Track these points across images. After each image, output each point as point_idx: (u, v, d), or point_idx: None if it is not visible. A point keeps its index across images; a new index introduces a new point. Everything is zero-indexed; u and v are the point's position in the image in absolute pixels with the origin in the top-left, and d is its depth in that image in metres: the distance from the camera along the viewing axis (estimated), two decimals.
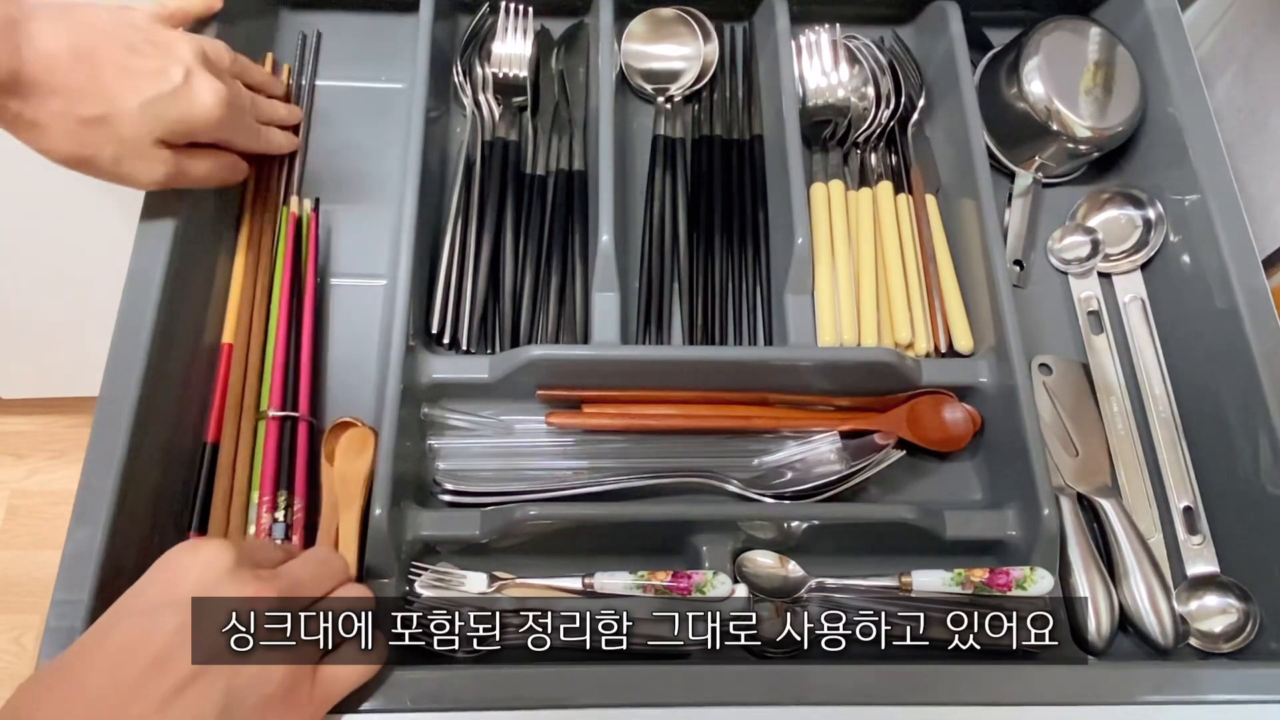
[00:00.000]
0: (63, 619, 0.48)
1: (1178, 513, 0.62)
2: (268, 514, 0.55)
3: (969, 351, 0.63)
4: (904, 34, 0.76)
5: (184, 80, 0.52)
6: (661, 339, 0.64)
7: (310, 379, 0.60)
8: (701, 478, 0.58)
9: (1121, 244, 0.69)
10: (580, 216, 0.66)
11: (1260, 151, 0.71)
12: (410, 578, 0.55)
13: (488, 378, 0.59)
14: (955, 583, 0.55)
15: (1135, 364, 0.66)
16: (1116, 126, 0.68)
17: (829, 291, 0.63)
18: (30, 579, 1.36)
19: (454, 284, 0.63)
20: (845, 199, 0.68)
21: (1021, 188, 0.70)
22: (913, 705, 0.51)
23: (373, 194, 0.67)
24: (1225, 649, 0.58)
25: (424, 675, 0.49)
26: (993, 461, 0.62)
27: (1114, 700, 0.51)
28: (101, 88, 0.50)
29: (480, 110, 0.69)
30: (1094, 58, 0.69)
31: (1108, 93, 0.68)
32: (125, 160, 0.52)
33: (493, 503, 0.57)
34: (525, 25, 0.71)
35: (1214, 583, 0.60)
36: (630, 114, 0.72)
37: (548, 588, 0.55)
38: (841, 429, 0.61)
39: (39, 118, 0.49)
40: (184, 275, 0.58)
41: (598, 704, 0.49)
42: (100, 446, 0.52)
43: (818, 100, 0.71)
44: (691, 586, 0.54)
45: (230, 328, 0.60)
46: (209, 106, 0.53)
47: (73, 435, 1.45)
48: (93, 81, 0.49)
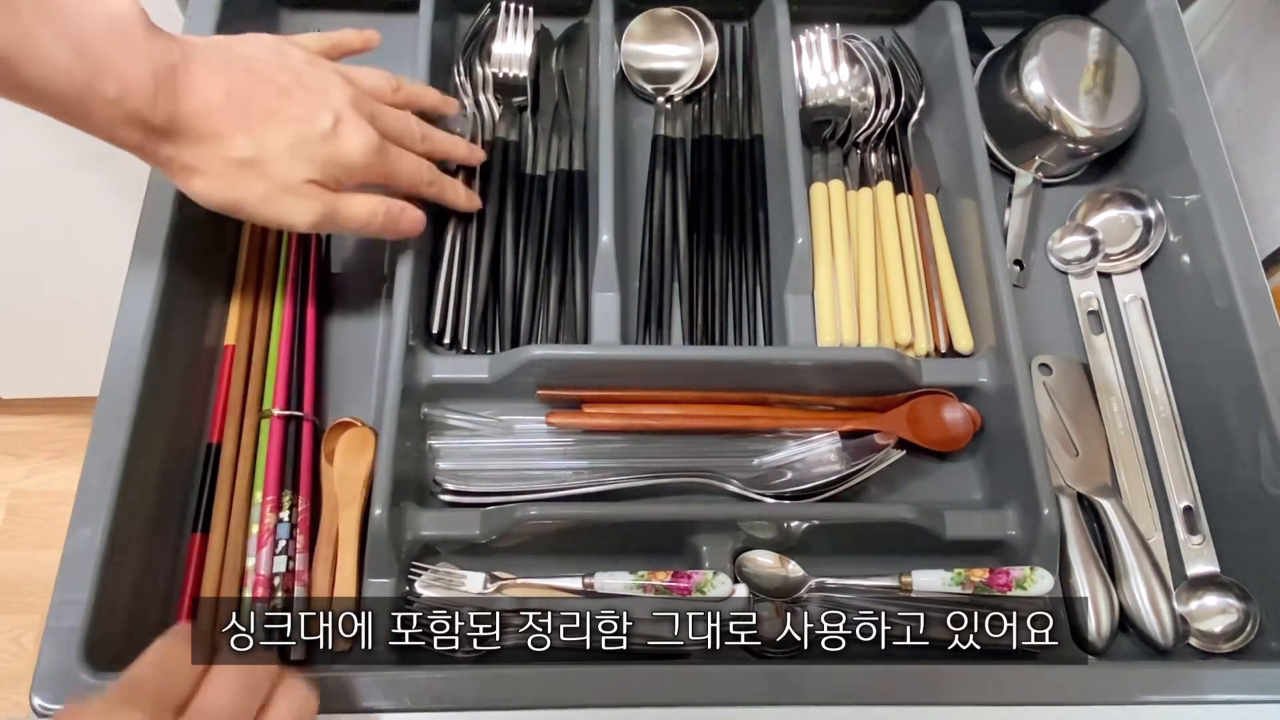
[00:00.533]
0: (63, 619, 0.48)
1: (1178, 513, 0.62)
2: (271, 514, 0.55)
3: (969, 351, 0.63)
4: (904, 34, 0.76)
5: (332, 126, 0.51)
6: (661, 339, 0.64)
7: (314, 378, 0.60)
8: (701, 478, 0.58)
9: (1121, 244, 0.69)
10: (580, 216, 0.66)
11: (1260, 151, 0.71)
12: (410, 578, 0.55)
13: (488, 378, 0.59)
14: (955, 583, 0.55)
15: (1135, 364, 0.66)
16: (1116, 126, 0.68)
17: (829, 291, 0.63)
18: (30, 579, 1.36)
19: (454, 284, 0.63)
20: (845, 199, 0.68)
21: (1021, 188, 0.70)
22: (913, 705, 0.51)
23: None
24: (1225, 649, 0.58)
25: (424, 675, 0.49)
26: (993, 461, 0.62)
27: (1114, 700, 0.51)
28: (251, 130, 0.49)
29: (480, 110, 0.69)
30: (1094, 58, 0.69)
31: (1108, 93, 0.68)
32: (275, 199, 0.50)
33: (493, 503, 0.57)
34: (525, 25, 0.71)
35: (1214, 583, 0.60)
36: (630, 114, 0.72)
37: (548, 588, 0.55)
38: (841, 429, 0.61)
39: (193, 162, 0.48)
40: (184, 275, 0.58)
41: (598, 704, 0.49)
42: (100, 446, 0.52)
43: (818, 100, 0.71)
44: (691, 586, 0.54)
45: (232, 328, 0.60)
46: (356, 153, 0.52)
47: (73, 435, 1.45)
48: (243, 124, 0.49)
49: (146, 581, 0.53)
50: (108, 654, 0.49)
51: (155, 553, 0.54)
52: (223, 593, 0.53)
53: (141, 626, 0.52)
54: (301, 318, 0.61)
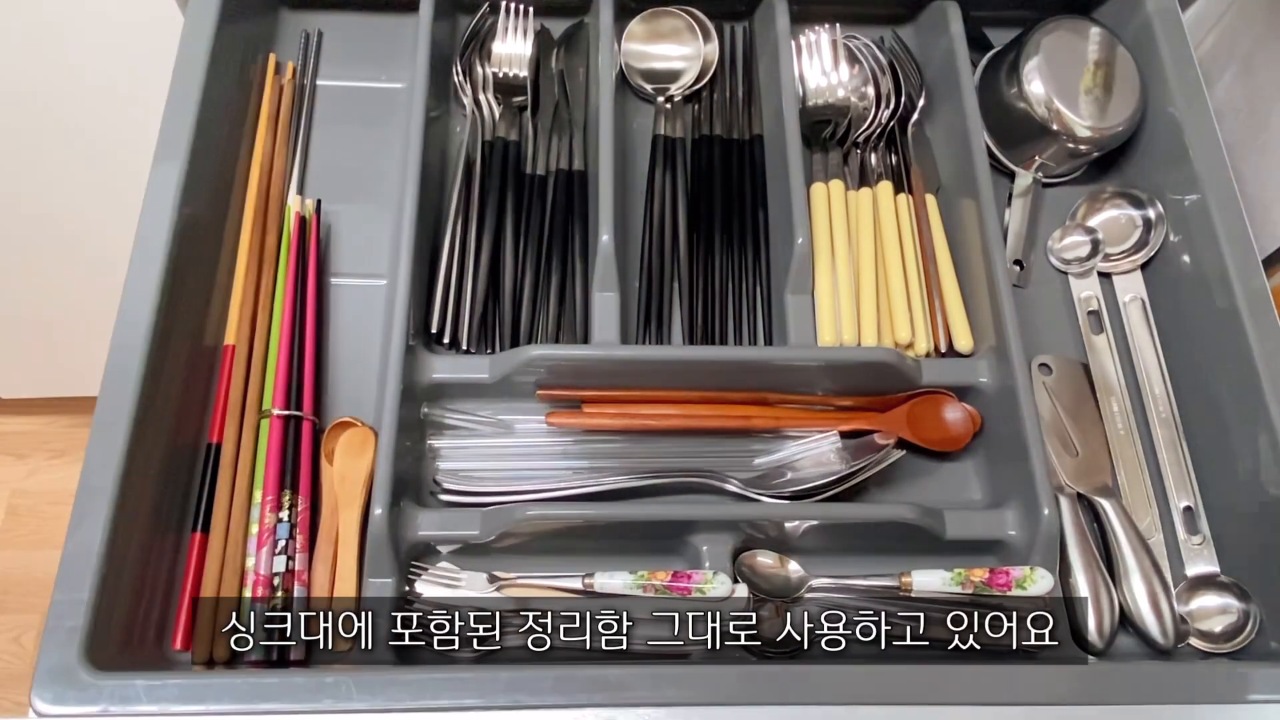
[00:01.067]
0: (63, 619, 0.48)
1: (1178, 513, 0.62)
2: (271, 513, 0.55)
3: (969, 351, 0.63)
4: (904, 34, 0.76)
5: None
6: (661, 339, 0.64)
7: (314, 378, 0.60)
8: (701, 478, 0.58)
9: (1122, 244, 0.69)
10: (580, 216, 0.66)
11: (1260, 151, 0.71)
12: (410, 577, 0.55)
13: (488, 378, 0.59)
14: (955, 583, 0.55)
15: (1135, 364, 0.66)
16: (1116, 126, 0.68)
17: (829, 291, 0.63)
18: (30, 579, 1.36)
19: (454, 284, 0.62)
20: (845, 199, 0.67)
21: (1021, 188, 0.70)
22: (913, 705, 0.51)
23: (373, 194, 0.67)
24: (1225, 649, 0.58)
25: (424, 675, 0.49)
26: (993, 461, 0.62)
27: (1114, 700, 0.51)
28: None
29: (480, 110, 0.69)
30: (1094, 58, 0.69)
31: (1108, 93, 0.68)
32: None
33: (493, 503, 0.57)
34: (525, 25, 0.71)
35: (1214, 583, 0.60)
36: (630, 114, 0.72)
37: (548, 588, 0.55)
38: (841, 429, 0.61)
39: None
40: (184, 275, 0.58)
41: (599, 704, 0.49)
42: (100, 446, 0.52)
43: (818, 100, 0.71)
44: (691, 586, 0.54)
45: (232, 329, 0.60)
46: None
47: (73, 435, 1.45)
48: None
49: (146, 581, 0.53)
50: (108, 654, 0.49)
51: (155, 553, 0.54)
52: (223, 593, 0.53)
53: (141, 626, 0.52)
54: (301, 318, 0.61)
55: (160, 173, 0.60)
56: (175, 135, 0.61)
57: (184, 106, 0.62)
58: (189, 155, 0.60)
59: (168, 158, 0.60)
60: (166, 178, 0.59)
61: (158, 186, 0.59)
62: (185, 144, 0.60)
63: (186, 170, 0.60)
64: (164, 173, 0.60)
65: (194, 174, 0.60)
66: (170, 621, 0.53)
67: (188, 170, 0.60)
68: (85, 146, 0.88)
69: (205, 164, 0.62)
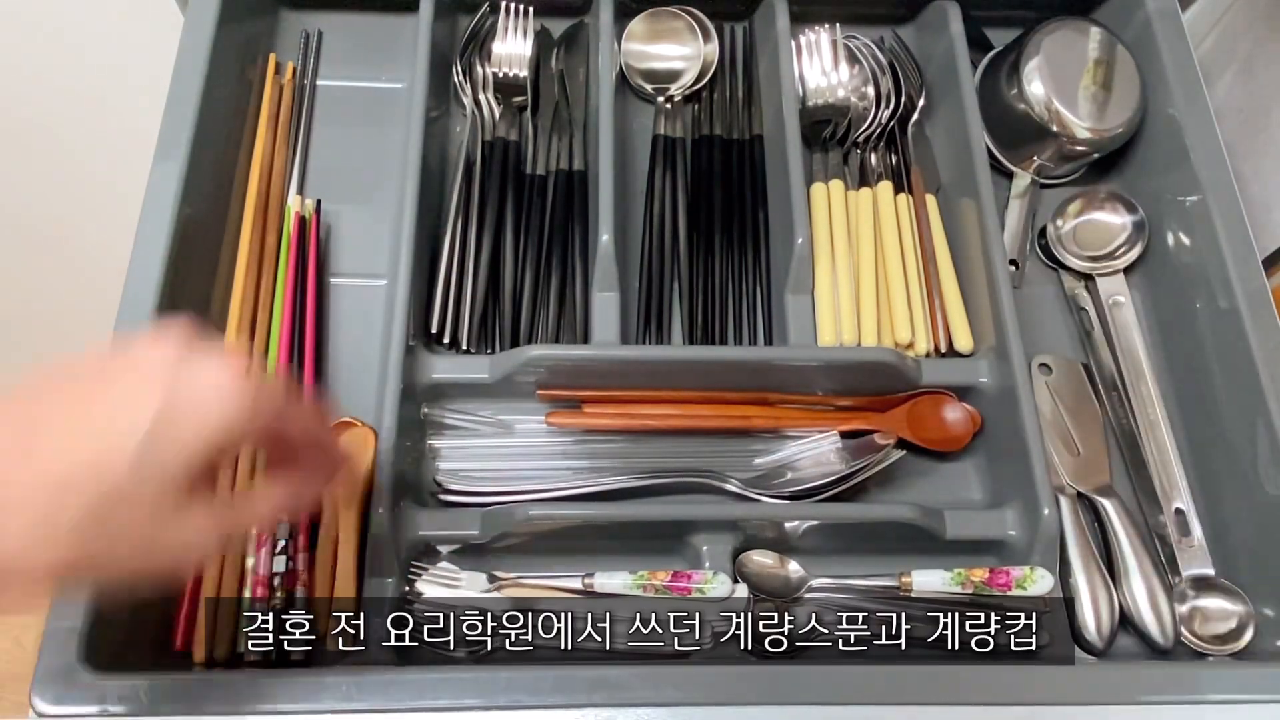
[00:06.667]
0: (63, 619, 0.49)
1: (1176, 514, 0.62)
2: None
3: (969, 351, 0.63)
4: (904, 34, 0.76)
5: None
6: (661, 339, 0.64)
7: (314, 378, 0.60)
8: (701, 478, 0.58)
9: (1112, 245, 0.69)
10: (580, 216, 0.66)
11: (1260, 151, 0.71)
12: (410, 577, 0.55)
13: (488, 378, 0.59)
14: (955, 583, 0.55)
15: (1133, 364, 0.66)
16: (1116, 127, 0.68)
17: (829, 291, 0.63)
18: None
19: (454, 284, 0.62)
20: (845, 199, 0.67)
21: (1019, 189, 0.70)
22: (913, 705, 0.51)
23: (373, 194, 0.67)
24: (1225, 649, 0.58)
25: (424, 675, 0.49)
26: (993, 461, 0.62)
27: (1114, 700, 0.51)
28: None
29: (480, 110, 0.69)
30: (1094, 58, 0.69)
31: (1107, 93, 0.68)
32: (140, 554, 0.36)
33: (493, 503, 0.57)
34: (525, 25, 0.71)
35: (1212, 584, 0.60)
36: (630, 114, 0.72)
37: (548, 588, 0.55)
38: (841, 429, 0.61)
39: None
40: (184, 274, 0.58)
41: (599, 704, 0.49)
42: None
43: (818, 100, 0.71)
44: (691, 586, 0.54)
45: (232, 328, 0.60)
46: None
47: None
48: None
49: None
50: (108, 654, 0.49)
51: None
52: (223, 593, 0.53)
53: (142, 626, 0.52)
54: (301, 318, 0.61)
55: (160, 173, 0.60)
56: (175, 135, 0.61)
57: (184, 106, 0.62)
58: (189, 155, 0.60)
59: (168, 158, 0.60)
60: (166, 177, 0.59)
61: (158, 186, 0.59)
62: (185, 144, 0.60)
63: (186, 170, 0.60)
64: (164, 173, 0.60)
65: (194, 174, 0.60)
66: (170, 622, 0.53)
67: (188, 170, 0.60)
68: (85, 146, 0.88)
69: (205, 164, 0.62)
